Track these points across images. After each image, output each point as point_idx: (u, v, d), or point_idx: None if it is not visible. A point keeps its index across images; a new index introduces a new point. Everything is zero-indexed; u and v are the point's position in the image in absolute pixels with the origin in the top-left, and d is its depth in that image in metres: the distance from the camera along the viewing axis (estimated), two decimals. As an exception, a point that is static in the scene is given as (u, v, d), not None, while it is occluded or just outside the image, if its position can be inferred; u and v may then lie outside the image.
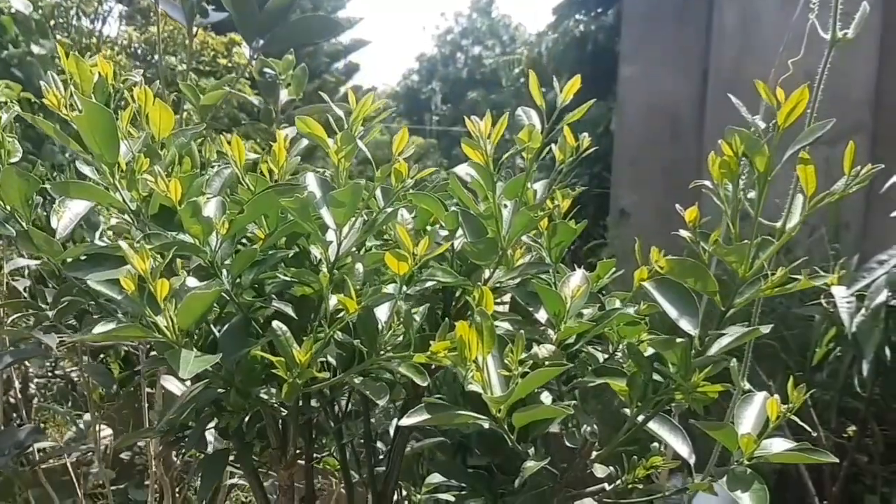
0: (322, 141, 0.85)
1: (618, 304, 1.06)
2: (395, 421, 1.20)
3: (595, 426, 0.92)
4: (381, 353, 0.80)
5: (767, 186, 0.82)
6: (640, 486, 0.94)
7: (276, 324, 0.76)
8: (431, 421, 0.79)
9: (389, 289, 0.85)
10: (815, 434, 2.19)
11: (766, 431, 0.89)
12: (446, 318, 1.04)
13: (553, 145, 1.16)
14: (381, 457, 1.22)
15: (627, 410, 0.92)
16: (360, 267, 0.83)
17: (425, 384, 0.79)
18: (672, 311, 0.90)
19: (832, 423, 2.55)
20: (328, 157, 0.93)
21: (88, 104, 0.81)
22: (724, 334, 0.86)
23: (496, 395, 0.78)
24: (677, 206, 0.87)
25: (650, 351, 0.90)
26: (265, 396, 0.82)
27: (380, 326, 0.81)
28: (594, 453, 0.94)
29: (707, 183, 0.90)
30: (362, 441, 1.16)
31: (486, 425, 0.84)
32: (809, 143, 0.80)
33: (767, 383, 2.29)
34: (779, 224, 1.01)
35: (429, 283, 0.87)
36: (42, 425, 2.51)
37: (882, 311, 2.03)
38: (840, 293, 2.05)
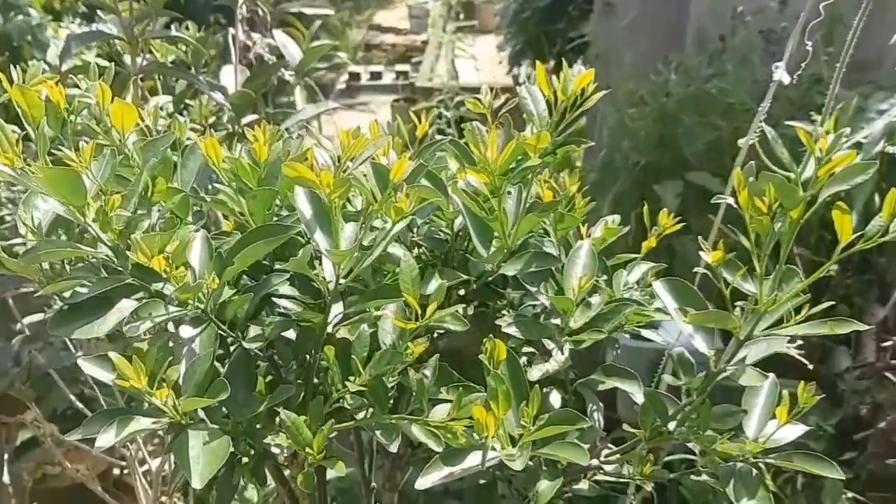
0: (313, 184, 0.76)
1: (624, 276, 1.02)
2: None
3: (604, 441, 0.92)
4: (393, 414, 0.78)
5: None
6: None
7: (284, 413, 0.73)
8: (452, 477, 0.78)
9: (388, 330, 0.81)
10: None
11: (774, 430, 0.89)
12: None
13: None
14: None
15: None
16: (365, 329, 0.78)
17: (441, 449, 0.77)
18: (685, 327, 0.87)
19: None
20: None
21: (46, 171, 0.72)
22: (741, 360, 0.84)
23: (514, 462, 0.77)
24: (699, 238, 0.81)
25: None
26: (276, 450, 0.81)
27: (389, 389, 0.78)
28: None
29: (730, 200, 0.83)
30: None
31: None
32: (848, 187, 0.74)
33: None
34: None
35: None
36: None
37: (877, 161, 2.00)
38: (836, 145, 1.99)
